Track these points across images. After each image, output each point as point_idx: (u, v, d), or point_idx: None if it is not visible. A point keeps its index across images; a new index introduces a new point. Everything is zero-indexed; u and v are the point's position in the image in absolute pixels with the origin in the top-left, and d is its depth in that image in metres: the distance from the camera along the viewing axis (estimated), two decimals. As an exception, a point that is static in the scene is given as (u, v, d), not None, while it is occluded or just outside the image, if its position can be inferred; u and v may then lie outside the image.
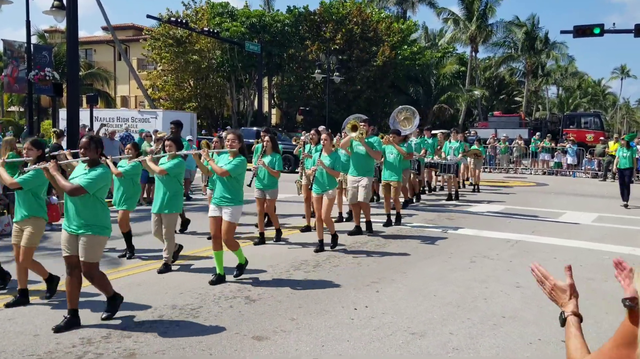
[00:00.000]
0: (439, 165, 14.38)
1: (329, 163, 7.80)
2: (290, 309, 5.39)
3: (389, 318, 5.18)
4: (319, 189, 7.90)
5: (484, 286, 6.32)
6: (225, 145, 8.38)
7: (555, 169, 23.56)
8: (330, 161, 7.83)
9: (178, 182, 6.85)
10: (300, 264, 7.21)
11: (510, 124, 32.46)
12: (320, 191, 7.90)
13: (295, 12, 36.67)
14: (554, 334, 4.81)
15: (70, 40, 12.96)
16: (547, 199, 14.97)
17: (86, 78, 36.36)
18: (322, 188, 7.87)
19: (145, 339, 4.59)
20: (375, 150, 9.02)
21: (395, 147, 10.08)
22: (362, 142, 8.79)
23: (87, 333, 4.69)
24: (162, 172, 6.71)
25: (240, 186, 6.28)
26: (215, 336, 4.69)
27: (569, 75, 54.92)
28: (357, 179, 9.02)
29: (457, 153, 14.64)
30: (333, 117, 31.55)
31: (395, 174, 10.07)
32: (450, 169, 14.12)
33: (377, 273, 6.83)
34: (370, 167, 9.22)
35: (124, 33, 45.55)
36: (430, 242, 8.75)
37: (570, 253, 8.13)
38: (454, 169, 14.14)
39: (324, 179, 7.86)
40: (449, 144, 15.10)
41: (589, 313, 5.22)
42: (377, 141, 9.20)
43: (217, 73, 36.41)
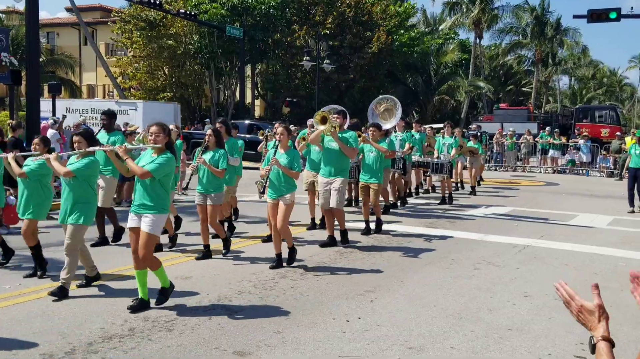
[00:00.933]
0: (431, 164, 13.71)
1: (286, 162, 7.23)
2: (275, 321, 5.38)
3: (385, 330, 5.20)
4: (274, 194, 7.31)
5: (488, 295, 6.36)
6: None
7: (566, 167, 23.73)
8: (287, 160, 7.26)
9: (89, 187, 6.15)
10: (286, 271, 7.21)
11: (518, 117, 32.71)
12: (275, 196, 7.31)
13: (281, -8, 36.63)
14: (565, 348, 4.85)
15: (29, 22, 12.88)
16: (558, 200, 15.07)
17: (48, 64, 36.13)
18: (277, 192, 7.29)
19: (115, 355, 4.56)
20: (350, 147, 8.47)
21: (374, 145, 9.60)
22: (335, 138, 8.28)
23: (47, 348, 4.66)
24: (68, 175, 6.00)
25: (166, 191, 5.70)
26: (192, 351, 4.67)
27: (582, 65, 55.38)
28: (329, 181, 8.49)
29: (451, 150, 13.91)
30: (323, 110, 31.53)
31: (375, 176, 9.63)
32: (443, 168, 13.44)
33: (372, 281, 6.85)
34: (344, 166, 8.61)
35: (90, 15, 45.29)
36: (430, 248, 8.78)
37: (583, 259, 8.20)
38: (448, 169, 13.47)
39: (279, 181, 7.28)
40: (442, 140, 14.33)
41: (604, 325, 5.25)
42: (353, 137, 8.61)
43: (195, 60, 36.27)
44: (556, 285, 1.90)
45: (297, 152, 7.68)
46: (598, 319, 1.78)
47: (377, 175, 9.66)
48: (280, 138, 7.42)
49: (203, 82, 38.39)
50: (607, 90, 66.72)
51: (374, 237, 9.53)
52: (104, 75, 35.23)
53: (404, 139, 13.02)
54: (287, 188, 7.29)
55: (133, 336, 4.95)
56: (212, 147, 7.80)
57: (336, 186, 8.43)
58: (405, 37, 38.46)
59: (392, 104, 11.71)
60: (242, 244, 8.81)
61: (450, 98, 42.91)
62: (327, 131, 8.21)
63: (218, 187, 7.84)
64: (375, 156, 9.64)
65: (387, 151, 9.75)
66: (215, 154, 7.72)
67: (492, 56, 53.11)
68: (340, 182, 8.47)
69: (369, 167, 9.68)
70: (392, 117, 11.63)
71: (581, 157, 23.26)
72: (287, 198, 7.26)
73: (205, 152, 7.78)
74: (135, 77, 36.07)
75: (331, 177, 8.48)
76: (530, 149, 25.09)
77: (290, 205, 7.32)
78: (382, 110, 11.69)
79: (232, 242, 8.33)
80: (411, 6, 41.75)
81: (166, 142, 5.69)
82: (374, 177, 9.61)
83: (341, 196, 8.51)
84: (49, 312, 5.50)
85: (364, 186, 9.73)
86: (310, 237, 9.39)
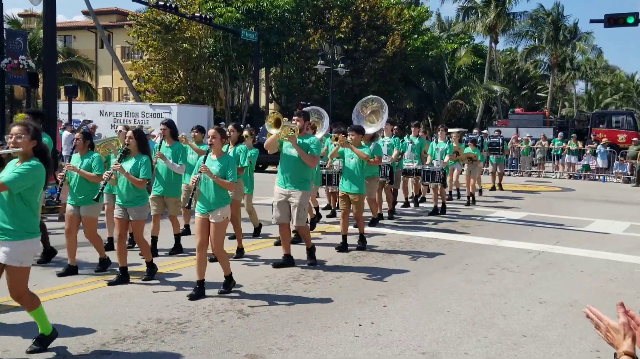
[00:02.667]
0: (422, 172, 12.48)
1: (218, 170, 6.14)
2: (287, 324, 5.38)
3: (397, 335, 5.18)
4: (203, 208, 6.15)
5: (502, 301, 6.31)
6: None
7: (582, 173, 23.53)
8: (219, 168, 6.17)
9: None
10: (299, 275, 7.21)
11: (533, 122, 32.46)
12: (204, 210, 6.14)
13: (296, -4, 36.73)
14: (580, 355, 4.80)
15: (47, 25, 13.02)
16: (574, 205, 14.96)
17: (65, 67, 36.47)
18: (206, 206, 6.12)
19: (128, 356, 4.58)
20: (311, 154, 7.36)
21: (354, 150, 8.69)
22: (294, 143, 7.25)
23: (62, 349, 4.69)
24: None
25: (32, 209, 4.45)
26: (205, 353, 4.68)
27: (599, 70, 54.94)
28: (286, 192, 7.42)
29: (445, 156, 12.72)
30: (337, 113, 31.59)
31: (356, 185, 8.63)
32: (434, 176, 12.25)
33: (385, 285, 6.83)
34: (304, 176, 7.48)
35: (106, 18, 45.70)
36: (443, 253, 8.74)
37: (599, 266, 8.12)
38: (440, 177, 12.24)
39: (209, 193, 6.15)
40: (435, 145, 13.01)
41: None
42: (314, 143, 7.47)
43: (210, 63, 36.47)
44: (585, 311, 1.91)
45: (233, 159, 6.50)
46: (623, 336, 1.79)
47: (359, 183, 8.66)
48: (212, 142, 6.25)
49: (218, 86, 38.57)
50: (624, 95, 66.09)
51: (387, 241, 9.49)
52: (120, 78, 35.52)
53: (391, 144, 11.93)
54: (218, 201, 6.13)
55: (146, 337, 4.97)
56: (134, 153, 6.66)
57: (296, 200, 7.35)
58: (420, 42, 38.37)
59: (378, 105, 10.86)
60: (256, 247, 8.81)
61: (465, 103, 42.74)
62: (283, 136, 7.24)
63: (139, 199, 6.66)
64: (355, 162, 8.69)
65: (367, 157, 8.72)
66: (137, 161, 6.58)
67: (508, 60, 52.85)
68: (301, 196, 7.39)
69: (349, 175, 8.71)
70: (378, 120, 10.76)
71: (598, 162, 23.07)
72: (218, 214, 6.11)
73: (125, 159, 6.65)
74: (150, 80, 36.33)
75: (289, 188, 7.39)
76: (545, 154, 24.92)
77: (223, 223, 6.18)
78: (369, 113, 10.89)
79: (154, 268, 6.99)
80: (425, 10, 41.68)
81: (34, 147, 4.51)
82: (355, 186, 8.63)
83: (303, 212, 7.47)
84: (63, 313, 5.54)
85: (344, 195, 8.72)
86: (324, 240, 9.38)
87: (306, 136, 7.51)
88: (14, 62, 15.80)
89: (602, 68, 55.53)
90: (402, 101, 41.88)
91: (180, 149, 8.30)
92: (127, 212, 6.64)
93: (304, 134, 7.47)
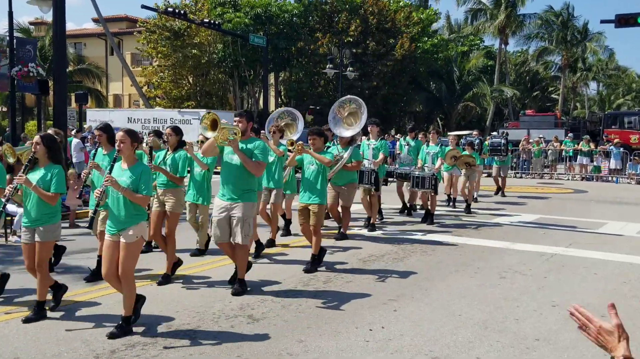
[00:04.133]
0: (411, 177, 11.59)
1: (129, 182, 5.13)
2: (297, 329, 5.36)
3: (408, 340, 5.14)
4: (113, 228, 5.19)
5: (515, 304, 6.26)
6: None
7: (595, 174, 23.37)
8: (130, 179, 5.15)
9: None
10: (309, 279, 7.19)
11: (545, 123, 32.33)
12: (114, 230, 5.17)
13: (304, 1, 36.81)
14: (594, 359, 4.74)
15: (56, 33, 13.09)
16: (587, 207, 14.83)
17: (75, 74, 36.73)
18: (116, 225, 5.16)
19: (137, 362, 4.58)
20: (256, 161, 6.39)
21: (313, 155, 7.71)
22: (235, 149, 6.26)
23: (73, 355, 4.69)
24: None
25: None
26: (214, 359, 4.68)
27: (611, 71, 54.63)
28: (227, 206, 6.41)
29: (436, 161, 11.90)
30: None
31: (317, 195, 7.66)
32: (425, 182, 11.37)
33: (396, 289, 6.79)
34: (249, 186, 6.51)
35: (116, 25, 46.04)
36: (455, 256, 8.69)
37: (612, 268, 8.04)
38: (431, 183, 11.32)
39: (119, 209, 5.15)
40: (426, 148, 12.16)
41: (634, 337, 5.15)
42: (260, 147, 6.50)
43: (219, 69, 36.64)
44: (570, 310, 1.85)
45: (147, 169, 5.36)
46: (618, 339, 1.74)
47: (320, 193, 7.68)
48: (121, 147, 5.19)
49: (227, 91, 38.72)
50: (635, 96, 65.70)
51: (399, 246, 9.44)
52: (130, 85, 35.73)
53: (377, 147, 11.04)
54: (130, 219, 5.15)
55: (156, 344, 4.97)
56: (44, 163, 5.63)
57: (239, 214, 6.34)
58: (429, 44, 38.33)
59: (356, 106, 10.07)
60: (269, 250, 8.79)
61: (476, 105, 42.62)
62: (221, 140, 6.29)
63: (48, 217, 5.52)
64: (316, 169, 7.69)
65: (330, 162, 7.78)
66: (47, 171, 5.56)
67: (518, 62, 52.67)
68: (244, 209, 6.37)
69: (308, 184, 7.72)
70: (357, 122, 9.95)
71: (611, 163, 22.88)
72: (130, 233, 5.12)
73: (33, 169, 5.62)
74: (160, 86, 36.54)
75: (231, 200, 6.39)
76: (557, 156, 24.78)
77: (135, 243, 5.16)
78: (346, 114, 10.04)
79: None
80: (434, 13, 41.64)
81: None
82: (315, 196, 7.65)
83: (248, 228, 6.42)
84: (73, 319, 5.55)
85: (303, 207, 7.75)
86: (334, 243, 9.35)
87: (250, 140, 6.56)
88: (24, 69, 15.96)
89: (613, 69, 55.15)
90: (411, 104, 41.82)
91: None
92: (34, 234, 5.52)
93: (247, 137, 6.54)
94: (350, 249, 9.05)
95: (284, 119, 10.27)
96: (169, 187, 7.26)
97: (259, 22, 34.27)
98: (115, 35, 40.37)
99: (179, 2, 35.81)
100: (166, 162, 7.33)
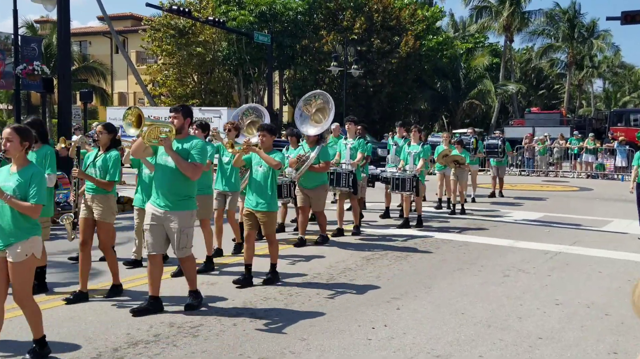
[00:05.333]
0: (391, 179, 10.81)
1: (16, 187, 4.40)
2: (300, 328, 5.36)
3: (411, 338, 5.14)
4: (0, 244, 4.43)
5: (518, 302, 6.24)
6: None
7: (600, 172, 23.29)
8: (17, 183, 4.42)
9: None
10: (312, 278, 7.19)
11: (550, 121, 32.18)
12: (0, 246, 4.42)
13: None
14: (597, 358, 4.73)
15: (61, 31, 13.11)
16: (592, 205, 14.79)
17: (80, 73, 36.79)
18: (3, 240, 4.41)
19: (139, 360, 4.59)
20: (192, 162, 5.61)
21: (261, 155, 6.80)
22: (167, 149, 5.52)
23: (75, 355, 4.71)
24: None
25: None
26: (217, 357, 4.69)
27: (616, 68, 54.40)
28: (160, 214, 5.64)
29: (418, 161, 10.72)
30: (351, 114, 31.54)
31: (265, 200, 6.76)
32: (405, 184, 10.51)
33: (398, 287, 6.78)
34: (186, 191, 5.71)
35: (121, 23, 46.13)
36: (458, 254, 8.67)
37: (617, 266, 8.01)
38: (412, 185, 10.41)
39: (4, 221, 4.41)
40: (408, 148, 10.98)
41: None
42: (198, 147, 5.70)
43: (223, 67, 36.64)
44: None
45: (39, 172, 4.56)
46: None
47: (269, 198, 6.80)
48: (7, 147, 4.48)
49: (231, 89, 38.73)
50: (642, 93, 65.41)
51: (402, 244, 9.43)
52: (135, 83, 35.74)
53: (355, 147, 10.12)
54: (17, 233, 4.41)
55: (158, 341, 4.98)
56: None
57: (175, 224, 5.61)
58: (434, 42, 38.23)
59: (324, 101, 9.24)
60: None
61: (481, 103, 42.50)
62: (149, 140, 5.54)
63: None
64: (264, 171, 6.81)
65: (278, 164, 6.78)
66: None
67: (524, 59, 52.49)
68: (181, 219, 5.63)
69: (256, 187, 6.82)
70: (325, 119, 9.17)
71: (617, 160, 22.78)
72: (17, 251, 4.38)
73: None
74: (165, 84, 36.59)
75: (166, 208, 5.62)
76: (563, 153, 24.71)
77: (24, 262, 4.40)
78: (314, 111, 9.25)
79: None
80: (439, 10, 41.52)
81: None
82: (264, 201, 6.76)
83: (186, 239, 5.70)
84: (76, 317, 5.57)
85: (249, 213, 6.85)
86: (337, 241, 9.35)
87: (187, 139, 5.78)
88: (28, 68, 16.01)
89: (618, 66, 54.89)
90: (416, 102, 41.73)
91: (49, 155, 6.50)
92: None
93: (184, 135, 5.77)
94: (354, 247, 9.06)
95: (249, 117, 9.47)
96: (98, 193, 6.20)
97: (264, 19, 34.26)
98: (120, 33, 40.42)
99: (184, 0, 35.84)
100: (96, 164, 6.28)
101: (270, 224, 6.92)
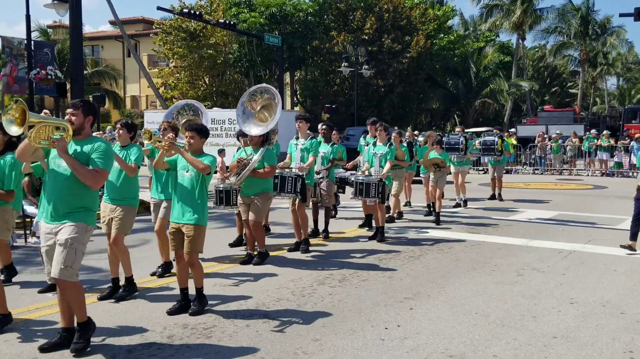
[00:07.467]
0: (354, 184, 9.46)
1: None
2: (313, 328, 5.36)
3: (424, 338, 5.12)
4: None
5: (532, 302, 6.20)
6: None
7: (615, 170, 23.11)
8: None
9: None
10: (325, 278, 7.19)
11: (564, 119, 31.97)
12: None
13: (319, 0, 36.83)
14: (613, 357, 4.69)
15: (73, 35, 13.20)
16: (607, 203, 14.67)
17: (93, 77, 37.10)
18: None
19: (153, 361, 4.61)
20: (92, 169, 4.72)
21: (187, 158, 5.73)
22: (61, 151, 4.60)
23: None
24: None
25: None
26: (230, 358, 4.69)
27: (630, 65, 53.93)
28: (52, 230, 4.71)
29: (384, 163, 9.53)
30: (362, 115, 31.53)
31: (194, 211, 5.75)
32: (369, 190, 9.24)
33: (412, 287, 6.76)
34: (83, 202, 4.78)
35: (133, 27, 46.41)
36: (471, 254, 8.63)
37: (632, 265, 7.93)
38: (377, 190, 9.21)
39: None
40: (373, 149, 9.79)
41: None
42: (100, 150, 4.78)
43: (234, 69, 36.76)
44: None
45: None
46: None
47: (198, 209, 5.78)
48: None
49: (243, 91, 38.54)
50: (657, 90, 64.79)
51: (415, 244, 9.40)
52: (147, 86, 36.00)
53: (306, 148, 8.87)
54: None
55: (172, 343, 5.00)
56: None
57: (63, 237, 4.62)
58: (445, 41, 38.11)
59: (270, 97, 8.22)
60: (283, 251, 8.80)
61: (493, 101, 42.31)
62: (37, 141, 4.59)
63: None
64: (192, 177, 5.78)
65: (206, 168, 5.68)
66: None
67: (536, 57, 52.19)
68: (70, 231, 4.65)
69: (182, 196, 5.81)
70: (271, 117, 8.08)
71: (632, 159, 22.60)
72: None
73: None
74: (176, 87, 36.78)
75: (57, 221, 4.70)
76: (577, 151, 24.54)
77: None
78: (259, 108, 8.19)
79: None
80: (450, 9, 41.39)
81: None
82: (191, 213, 5.75)
83: (72, 256, 4.62)
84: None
85: (176, 229, 5.83)
86: (351, 242, 9.34)
87: (88, 140, 4.85)
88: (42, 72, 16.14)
89: (632, 62, 54.43)
90: (428, 102, 41.63)
91: None
92: None
93: (84, 136, 4.86)
94: (367, 247, 9.04)
95: (185, 115, 8.14)
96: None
97: (274, 21, 34.33)
98: (131, 37, 40.65)
99: (195, 3, 36.01)
100: None
101: (196, 241, 5.73)
